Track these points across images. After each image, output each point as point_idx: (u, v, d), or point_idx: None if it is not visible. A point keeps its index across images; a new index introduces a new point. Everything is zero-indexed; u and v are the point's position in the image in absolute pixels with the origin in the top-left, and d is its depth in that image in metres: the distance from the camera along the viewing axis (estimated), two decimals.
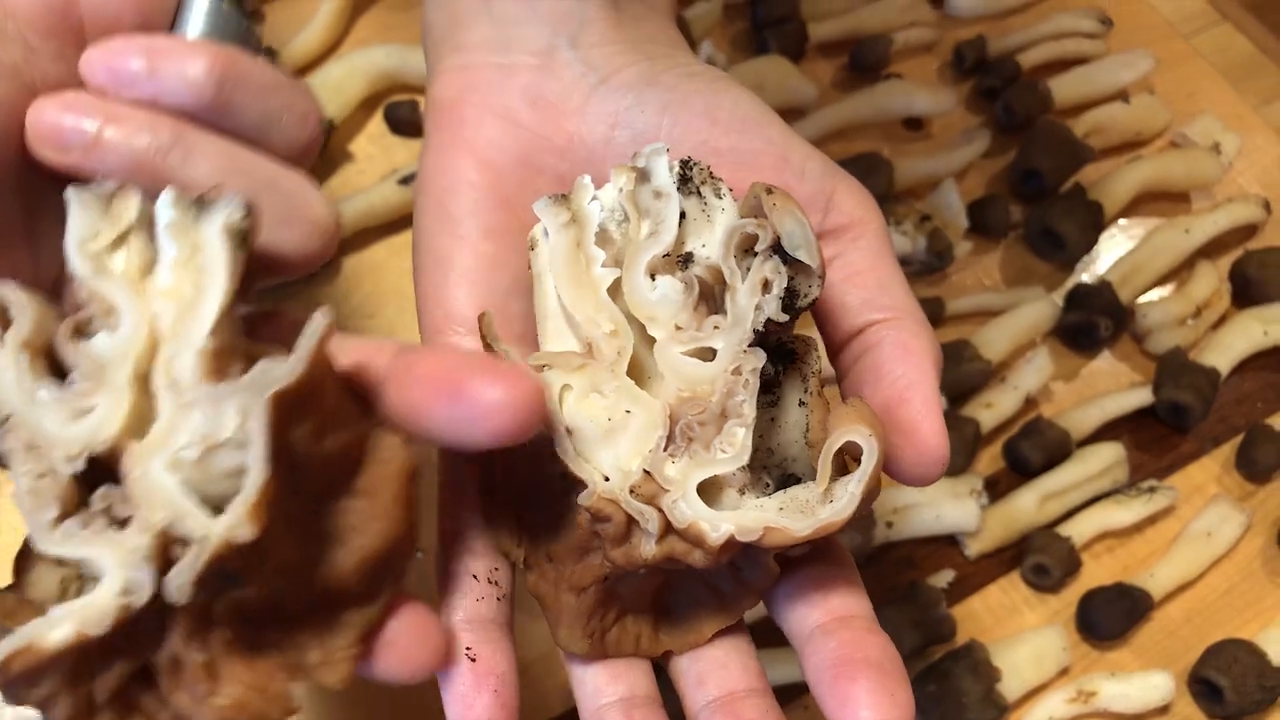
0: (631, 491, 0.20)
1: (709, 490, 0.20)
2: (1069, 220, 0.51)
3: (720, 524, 0.20)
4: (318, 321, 0.18)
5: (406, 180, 0.47)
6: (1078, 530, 0.44)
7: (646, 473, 0.20)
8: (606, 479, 0.20)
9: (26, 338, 0.19)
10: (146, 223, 0.20)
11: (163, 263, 0.20)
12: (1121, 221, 0.53)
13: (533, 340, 0.23)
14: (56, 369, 0.20)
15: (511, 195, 0.26)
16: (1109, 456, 0.46)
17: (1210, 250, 0.51)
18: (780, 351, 0.21)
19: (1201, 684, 0.42)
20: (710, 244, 0.22)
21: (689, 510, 0.20)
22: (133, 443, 0.19)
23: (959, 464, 0.45)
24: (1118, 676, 0.41)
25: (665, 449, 0.21)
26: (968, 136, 0.54)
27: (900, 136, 0.55)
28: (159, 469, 0.18)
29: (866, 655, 0.21)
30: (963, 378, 0.47)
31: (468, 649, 0.22)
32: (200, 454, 0.18)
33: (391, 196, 0.47)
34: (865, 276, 0.24)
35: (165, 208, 0.20)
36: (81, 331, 0.19)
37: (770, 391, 0.21)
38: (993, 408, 0.46)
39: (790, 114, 0.52)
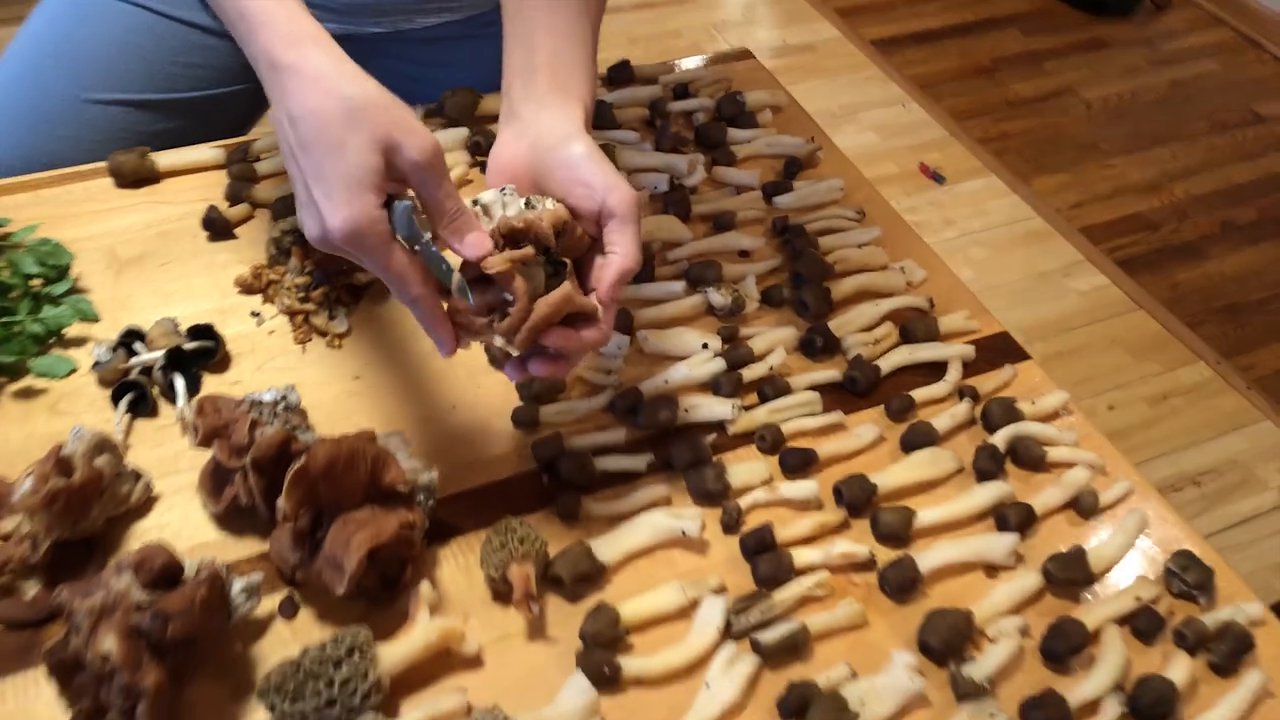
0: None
1: None
2: (815, 299, 0.95)
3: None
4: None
5: None
6: (786, 428, 0.85)
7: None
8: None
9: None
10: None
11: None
12: (847, 305, 0.97)
13: None
14: None
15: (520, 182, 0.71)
16: (810, 397, 0.87)
17: (894, 317, 0.95)
18: (559, 263, 0.67)
19: (837, 493, 0.81)
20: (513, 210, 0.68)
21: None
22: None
23: (728, 392, 0.87)
24: (789, 483, 0.81)
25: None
26: (769, 256, 1.00)
27: (735, 259, 1.00)
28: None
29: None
30: (740, 359, 0.89)
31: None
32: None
33: None
34: (615, 234, 0.68)
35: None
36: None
37: (556, 276, 0.67)
38: (752, 370, 0.89)
39: (675, 245, 0.99)
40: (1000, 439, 0.85)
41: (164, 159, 1.00)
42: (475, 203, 0.68)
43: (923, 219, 2.54)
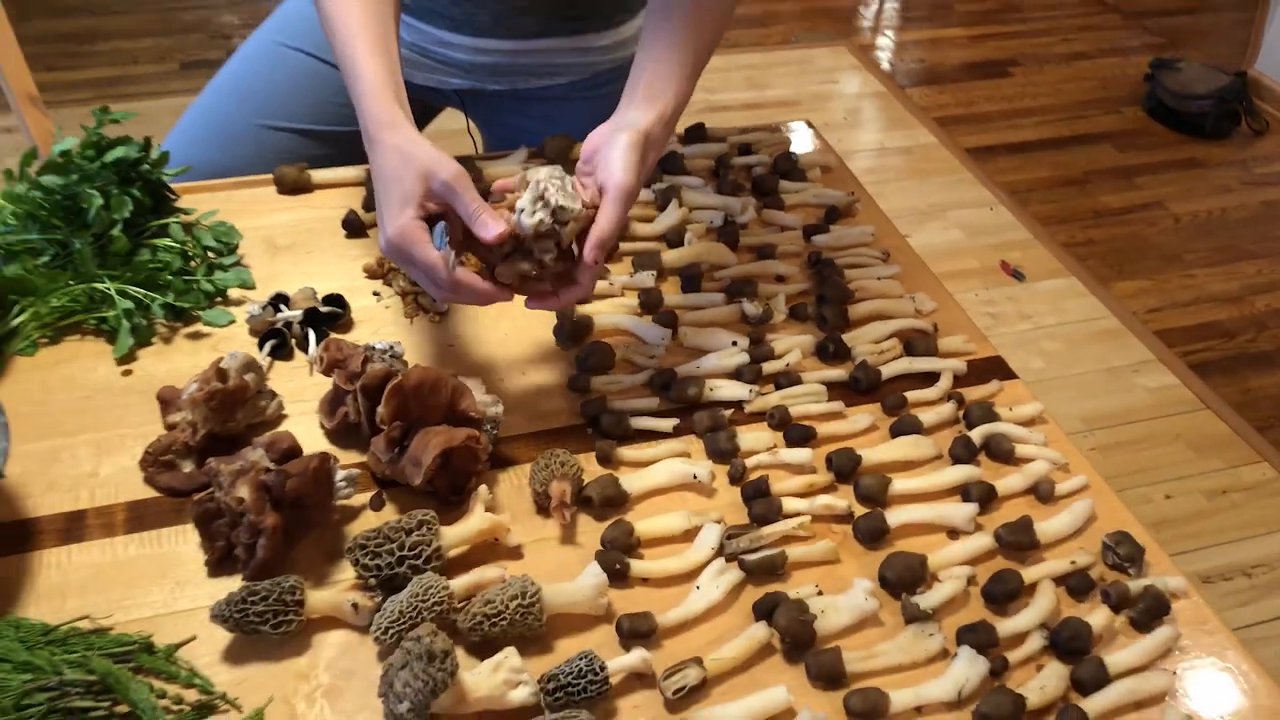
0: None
1: None
2: (834, 315, 1.12)
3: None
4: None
5: None
6: (794, 410, 1.02)
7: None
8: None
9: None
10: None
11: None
12: (861, 323, 1.14)
13: None
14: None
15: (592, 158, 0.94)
16: (817, 388, 1.04)
17: (900, 335, 1.12)
18: (567, 251, 0.88)
19: (828, 460, 0.97)
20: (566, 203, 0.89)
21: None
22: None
23: (748, 379, 1.05)
24: (789, 450, 0.98)
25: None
26: (801, 281, 1.18)
27: (771, 281, 1.19)
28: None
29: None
30: (763, 355, 1.07)
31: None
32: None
33: None
34: (604, 212, 0.89)
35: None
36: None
37: (564, 258, 0.88)
38: (771, 365, 1.06)
39: (722, 267, 1.18)
40: (976, 434, 1.01)
41: (317, 175, 1.25)
42: (538, 184, 0.89)
43: (999, 311, 2.68)
